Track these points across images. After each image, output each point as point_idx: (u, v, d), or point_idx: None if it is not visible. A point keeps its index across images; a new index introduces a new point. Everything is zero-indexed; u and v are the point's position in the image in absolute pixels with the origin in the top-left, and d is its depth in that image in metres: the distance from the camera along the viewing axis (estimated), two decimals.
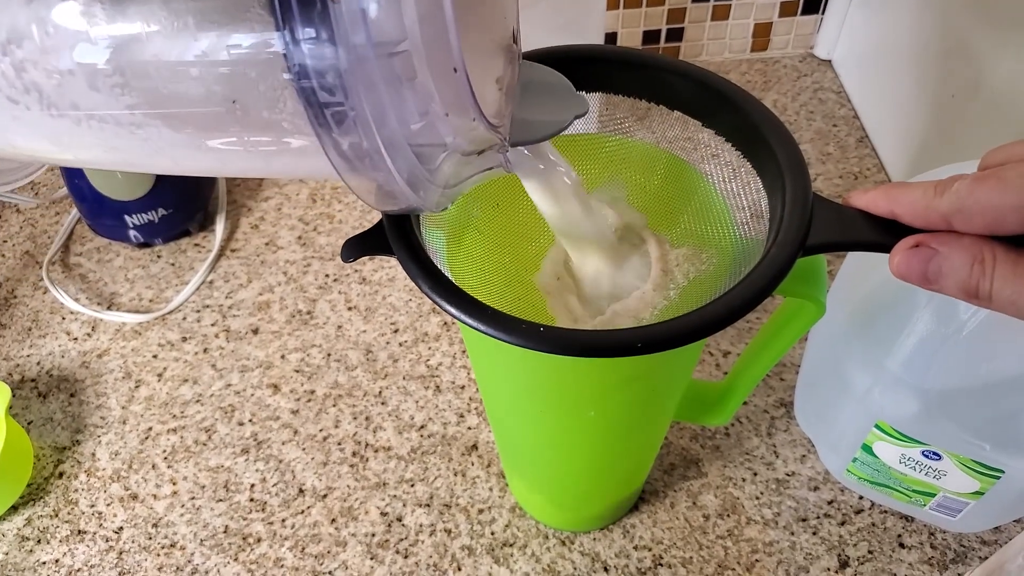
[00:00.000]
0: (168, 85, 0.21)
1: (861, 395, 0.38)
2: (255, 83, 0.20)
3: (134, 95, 0.21)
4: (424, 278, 0.25)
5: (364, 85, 0.19)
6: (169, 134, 0.22)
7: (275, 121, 0.21)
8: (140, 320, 0.54)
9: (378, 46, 0.19)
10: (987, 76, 0.46)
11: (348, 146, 0.21)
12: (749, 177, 0.29)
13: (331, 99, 0.20)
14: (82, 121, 0.22)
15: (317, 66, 0.19)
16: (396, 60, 0.19)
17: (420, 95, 0.20)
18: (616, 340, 0.23)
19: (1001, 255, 0.22)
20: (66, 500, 0.46)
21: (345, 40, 0.19)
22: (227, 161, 0.23)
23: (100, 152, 0.24)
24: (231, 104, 0.21)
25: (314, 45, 0.19)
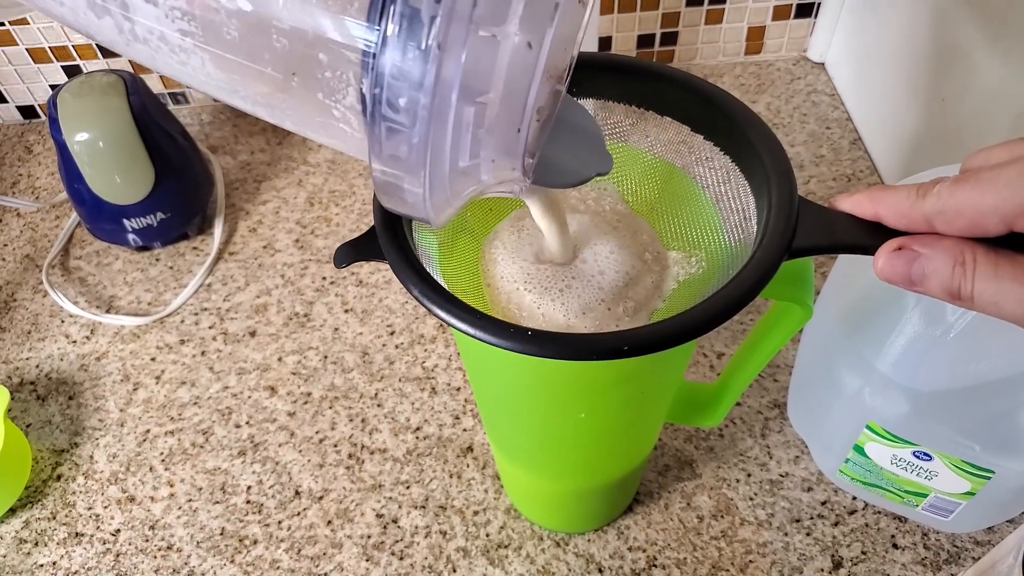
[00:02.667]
0: (232, 31, 0.20)
1: (852, 396, 0.38)
2: (324, 67, 0.20)
3: (192, 24, 0.20)
4: (415, 283, 0.25)
5: (434, 120, 0.19)
6: (212, 71, 0.21)
7: (326, 105, 0.21)
8: (138, 323, 0.54)
9: (464, 90, 0.19)
10: (976, 79, 0.47)
11: (390, 156, 0.20)
12: (738, 182, 0.29)
13: (394, 117, 0.19)
14: (123, 25, 0.21)
15: (395, 84, 0.19)
16: (473, 108, 0.19)
17: (478, 142, 0.20)
18: (603, 344, 0.24)
19: (982, 256, 0.22)
20: (64, 503, 0.46)
21: (435, 72, 0.18)
22: (255, 107, 0.22)
23: (121, 47, 0.22)
24: (290, 75, 0.20)
25: (402, 63, 0.18)
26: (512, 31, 0.19)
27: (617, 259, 0.30)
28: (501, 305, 0.30)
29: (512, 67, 0.19)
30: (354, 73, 0.19)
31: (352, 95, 0.20)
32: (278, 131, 0.67)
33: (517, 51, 0.20)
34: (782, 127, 0.63)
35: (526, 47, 0.20)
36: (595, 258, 0.30)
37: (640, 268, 0.30)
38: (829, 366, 0.39)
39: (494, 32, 0.19)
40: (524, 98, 0.20)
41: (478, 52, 0.19)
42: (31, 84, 0.67)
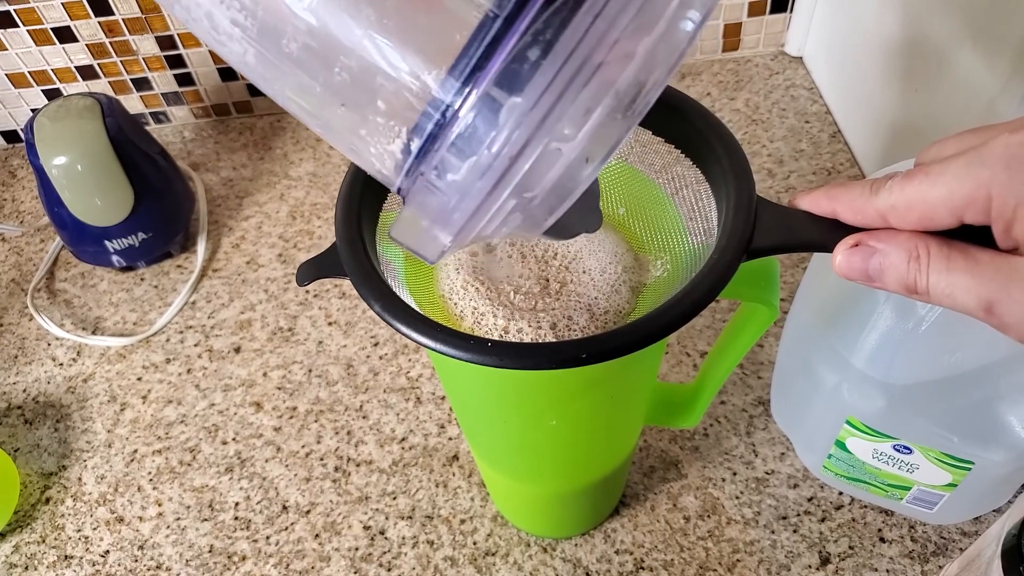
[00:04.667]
0: (293, 46, 0.19)
1: (830, 392, 0.38)
2: (379, 113, 0.19)
3: (249, 20, 0.19)
4: (376, 298, 0.25)
5: (478, 200, 0.18)
6: (251, 61, 0.20)
7: (365, 140, 0.20)
8: (124, 343, 0.54)
9: (516, 188, 0.18)
10: (947, 69, 0.47)
11: (419, 205, 0.20)
12: (699, 184, 0.29)
13: (439, 184, 0.19)
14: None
15: (451, 161, 0.18)
16: (516, 200, 0.19)
17: (510, 221, 0.20)
18: (562, 352, 0.24)
19: (935, 249, 0.22)
20: (53, 526, 0.46)
21: (497, 175, 0.18)
22: (284, 102, 0.21)
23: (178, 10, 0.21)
24: (338, 104, 0.19)
25: (467, 147, 0.18)
26: (578, 145, 0.19)
27: (591, 264, 0.30)
28: (467, 318, 0.30)
29: (565, 175, 0.19)
30: (407, 129, 0.19)
31: (398, 145, 0.19)
32: (259, 146, 0.67)
33: (574, 163, 0.19)
34: (761, 123, 0.63)
35: (584, 161, 0.20)
36: (569, 264, 0.30)
37: (615, 276, 0.30)
38: (808, 362, 0.39)
39: (561, 147, 0.18)
40: (566, 198, 0.20)
41: (542, 161, 0.18)
42: (12, 109, 0.67)
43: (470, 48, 0.17)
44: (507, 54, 0.17)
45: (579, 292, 0.29)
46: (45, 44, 0.63)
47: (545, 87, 0.17)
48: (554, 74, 0.17)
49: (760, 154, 0.61)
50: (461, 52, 0.18)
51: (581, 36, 0.17)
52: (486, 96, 0.18)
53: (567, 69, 0.17)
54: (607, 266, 0.30)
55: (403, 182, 0.20)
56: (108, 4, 0.60)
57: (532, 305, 0.29)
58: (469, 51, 0.17)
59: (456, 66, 0.18)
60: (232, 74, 0.66)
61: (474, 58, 0.17)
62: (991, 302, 0.21)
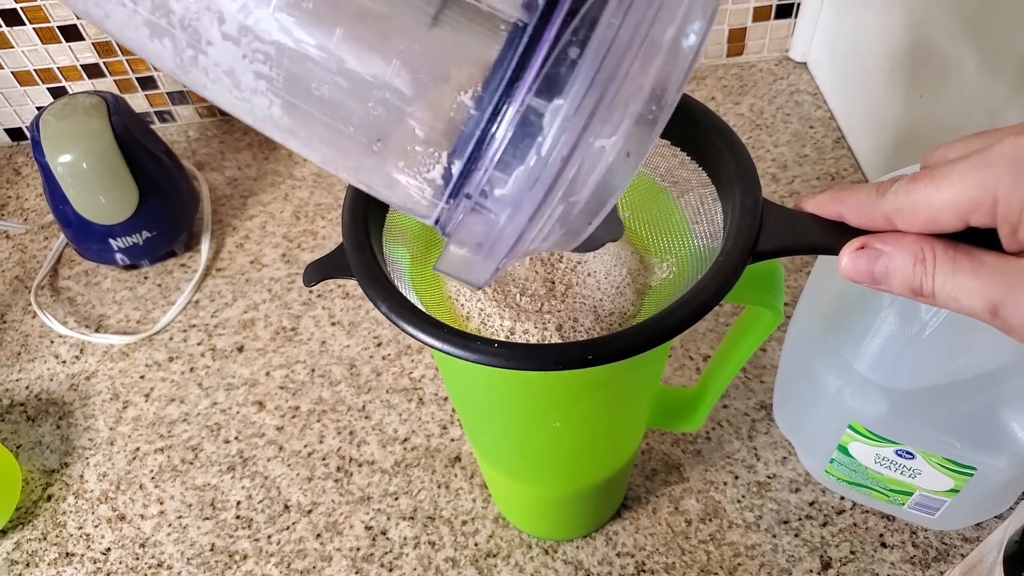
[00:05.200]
0: (325, 88, 0.18)
1: (833, 396, 0.38)
2: (417, 141, 0.18)
3: (275, 71, 0.18)
4: (383, 299, 0.25)
5: (531, 209, 0.18)
6: (277, 114, 0.19)
7: (402, 172, 0.19)
8: (127, 341, 0.54)
9: (567, 192, 0.18)
10: (951, 75, 0.47)
11: (466, 233, 0.19)
12: (705, 186, 0.30)
13: (482, 200, 0.18)
14: (185, 53, 0.19)
15: (498, 177, 0.18)
16: (563, 206, 0.19)
17: (552, 232, 0.20)
18: (567, 353, 0.24)
19: (940, 252, 0.22)
20: (54, 523, 0.46)
21: (549, 180, 0.17)
22: (309, 152, 0.20)
23: (170, 69, 0.20)
24: (374, 140, 0.19)
25: (512, 160, 0.18)
26: (618, 142, 0.19)
27: (596, 266, 0.30)
28: (474, 319, 0.30)
29: (607, 176, 0.19)
30: (447, 153, 0.18)
31: (438, 171, 0.19)
32: (264, 146, 0.67)
33: (617, 160, 0.19)
34: (766, 128, 0.64)
35: (625, 156, 0.20)
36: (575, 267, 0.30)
37: (620, 278, 0.30)
38: (810, 367, 0.39)
39: (604, 144, 0.18)
40: (607, 200, 0.20)
41: (588, 161, 0.18)
42: (17, 107, 0.67)
43: (503, 60, 0.17)
44: (542, 60, 0.17)
45: (584, 294, 0.30)
46: (51, 42, 0.63)
47: (588, 86, 0.17)
48: (594, 72, 0.17)
49: (764, 159, 0.61)
50: (494, 65, 0.18)
51: (615, 33, 0.17)
52: (526, 105, 0.17)
53: (607, 66, 0.17)
54: (612, 268, 0.30)
55: (444, 210, 0.19)
56: None
57: (538, 307, 0.29)
58: (503, 63, 0.17)
59: (491, 80, 0.18)
60: None
61: (509, 69, 0.17)
62: (997, 304, 0.21)
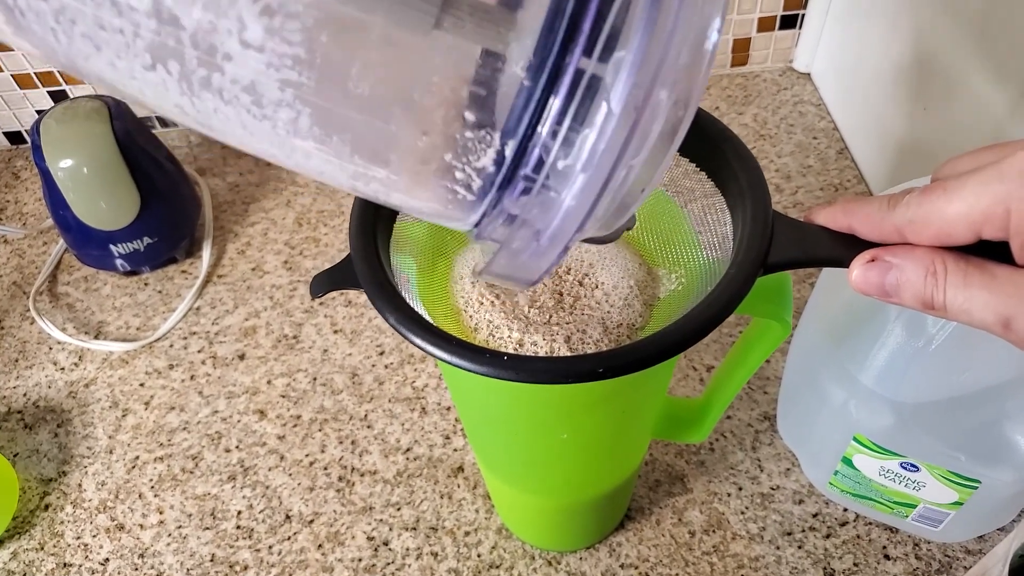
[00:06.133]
0: (364, 85, 0.16)
1: (838, 408, 0.38)
2: (468, 126, 0.17)
3: (306, 75, 0.16)
4: (391, 311, 0.25)
5: (608, 167, 0.17)
6: (304, 126, 0.17)
7: (450, 167, 0.18)
8: (127, 348, 0.54)
9: (619, 161, 0.17)
10: (956, 88, 0.47)
11: (517, 222, 0.18)
12: (714, 198, 0.29)
13: (542, 181, 0.17)
14: (195, 73, 0.17)
15: (565, 150, 0.17)
16: (623, 175, 0.18)
17: (602, 219, 0.19)
18: (578, 366, 0.24)
19: (951, 265, 0.22)
20: (52, 532, 0.46)
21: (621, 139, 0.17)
22: (337, 175, 0.18)
23: (171, 99, 0.17)
24: (420, 134, 0.17)
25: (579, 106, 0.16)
26: (672, 97, 0.17)
27: (603, 278, 0.30)
28: (482, 331, 0.30)
29: (655, 146, 0.18)
30: (500, 133, 0.17)
31: (490, 156, 0.17)
32: None
33: (663, 134, 0.18)
34: (769, 138, 0.64)
35: (664, 140, 0.19)
36: (583, 279, 0.30)
37: (628, 290, 0.30)
38: (815, 379, 0.39)
39: (663, 96, 0.17)
40: (652, 182, 0.19)
41: (648, 117, 0.17)
42: (17, 110, 0.67)
43: (553, 23, 0.16)
44: (594, 15, 0.16)
45: (592, 306, 0.29)
46: None
47: (650, 34, 0.16)
48: (654, 23, 0.16)
49: (768, 169, 0.61)
50: (542, 31, 0.16)
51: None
52: (584, 64, 0.16)
53: (662, 18, 0.16)
54: (619, 280, 0.30)
55: (491, 204, 0.18)
56: None
57: (547, 319, 0.29)
58: (553, 26, 0.16)
59: (542, 46, 0.16)
60: None
61: (560, 30, 0.16)
62: (1009, 318, 0.21)
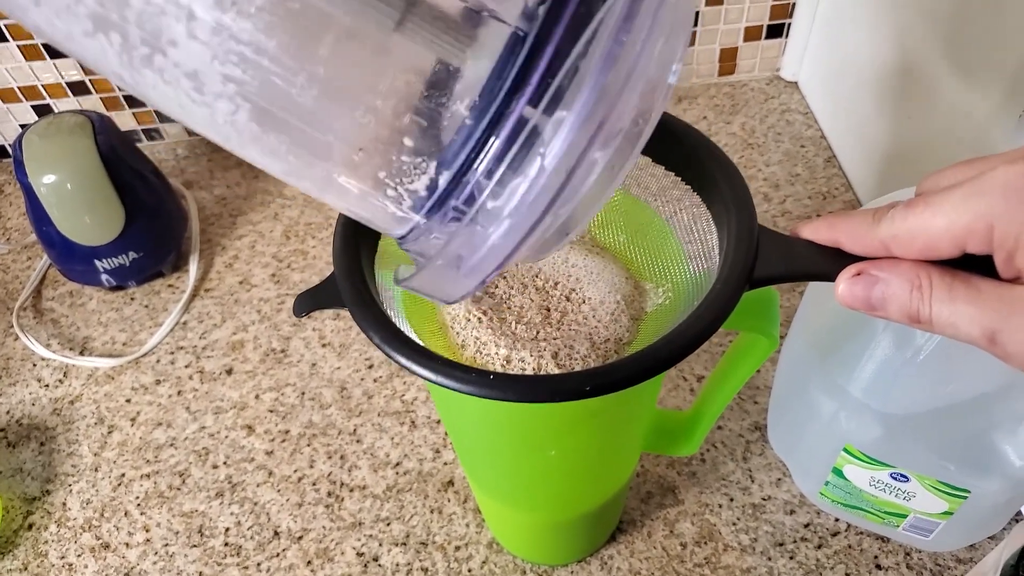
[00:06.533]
0: (308, 95, 0.17)
1: (828, 420, 0.38)
2: (406, 151, 0.17)
3: (250, 74, 0.17)
4: (375, 330, 0.25)
5: (531, 221, 0.17)
6: (243, 121, 0.17)
7: (382, 184, 0.18)
8: (113, 364, 0.53)
9: (555, 204, 0.17)
10: (940, 97, 0.47)
11: (454, 254, 0.19)
12: (700, 212, 0.29)
13: (471, 215, 0.18)
14: (136, 51, 0.17)
15: (497, 190, 0.17)
16: (551, 219, 0.18)
17: (533, 247, 0.19)
18: (565, 384, 0.23)
19: (937, 279, 0.22)
20: (36, 552, 0.45)
21: (550, 191, 0.17)
22: (271, 163, 0.19)
23: (111, 69, 0.18)
24: (356, 150, 0.18)
25: (507, 172, 0.17)
26: (608, 154, 0.18)
27: (590, 293, 0.30)
28: (469, 348, 0.29)
29: (593, 188, 0.18)
30: (435, 164, 0.18)
31: (423, 181, 0.18)
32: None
33: (603, 173, 0.18)
34: (757, 147, 0.64)
35: (610, 169, 0.19)
36: (570, 294, 0.30)
37: (614, 305, 0.30)
38: (805, 390, 0.39)
39: (597, 157, 0.18)
40: (590, 213, 0.20)
41: (581, 174, 0.17)
42: (0, 124, 0.67)
43: (503, 69, 0.17)
44: (543, 71, 0.17)
45: (580, 321, 0.29)
46: (35, 59, 0.62)
47: (595, 99, 0.16)
48: (601, 85, 0.16)
49: (756, 178, 0.61)
50: (491, 74, 0.17)
51: (619, 48, 0.16)
52: (527, 116, 0.17)
53: (612, 79, 0.16)
54: (606, 295, 0.30)
55: (419, 224, 0.19)
56: None
57: (534, 335, 0.28)
58: (502, 72, 0.17)
59: (488, 89, 0.17)
60: None
61: (509, 79, 0.17)
62: (994, 331, 0.21)
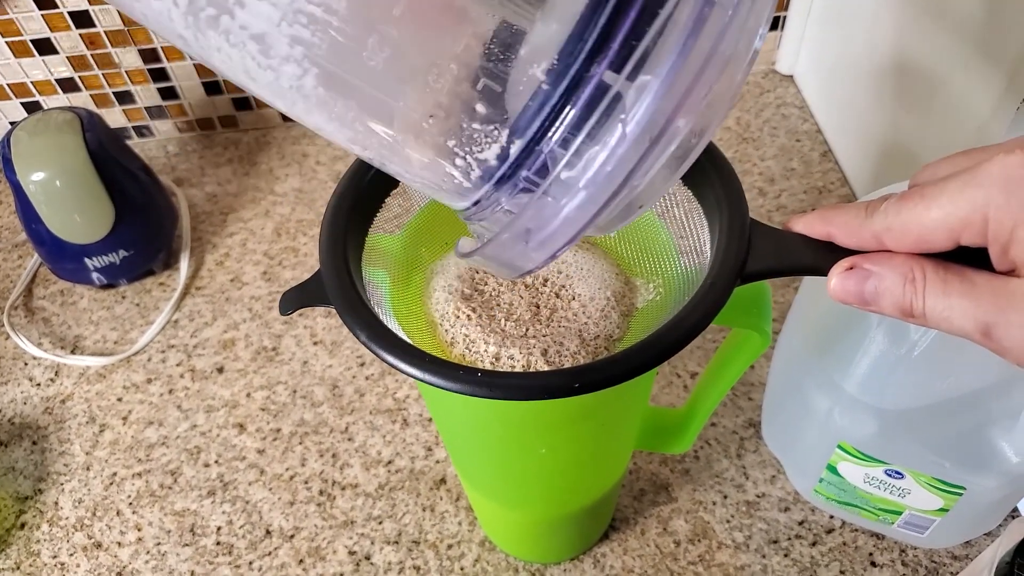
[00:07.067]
0: (379, 58, 0.16)
1: (822, 416, 0.38)
2: (476, 118, 0.17)
3: (319, 36, 0.16)
4: (361, 328, 0.25)
5: (608, 193, 0.17)
6: (309, 86, 0.17)
7: (451, 152, 0.17)
8: (104, 363, 0.53)
9: (631, 176, 0.17)
10: (938, 91, 0.47)
11: (513, 220, 0.18)
12: (691, 207, 0.29)
13: (543, 185, 0.17)
14: (203, 11, 0.16)
15: (574, 160, 0.16)
16: (626, 191, 0.17)
17: (602, 221, 0.18)
18: (554, 382, 0.23)
19: (931, 272, 0.21)
20: (28, 552, 0.45)
21: (629, 160, 0.16)
22: (337, 132, 0.18)
23: (177, 33, 0.17)
24: (426, 116, 0.17)
25: (584, 140, 0.16)
26: (689, 124, 0.17)
27: (580, 290, 0.30)
28: (458, 345, 0.29)
29: (671, 159, 0.18)
30: (508, 130, 0.17)
31: (494, 151, 0.17)
32: (244, 161, 0.66)
33: (682, 145, 0.18)
34: (752, 141, 0.63)
35: (688, 141, 0.18)
36: (559, 291, 0.30)
37: (604, 301, 0.30)
38: (799, 387, 0.39)
39: (681, 125, 0.17)
40: (662, 189, 0.19)
41: (663, 144, 0.17)
42: None
43: (583, 31, 0.16)
44: (627, 32, 0.16)
45: (569, 318, 0.29)
46: (24, 56, 0.62)
47: (682, 63, 0.16)
48: (688, 49, 0.16)
49: (751, 172, 0.61)
50: (571, 36, 0.16)
51: (706, 5, 0.16)
52: (603, 83, 0.16)
53: (700, 44, 0.16)
54: (596, 292, 0.30)
55: (487, 193, 0.18)
56: (90, 16, 0.60)
57: (523, 332, 0.28)
58: (583, 34, 0.16)
59: (567, 52, 0.16)
60: (217, 88, 0.65)
61: (590, 40, 0.16)
62: (989, 325, 0.21)
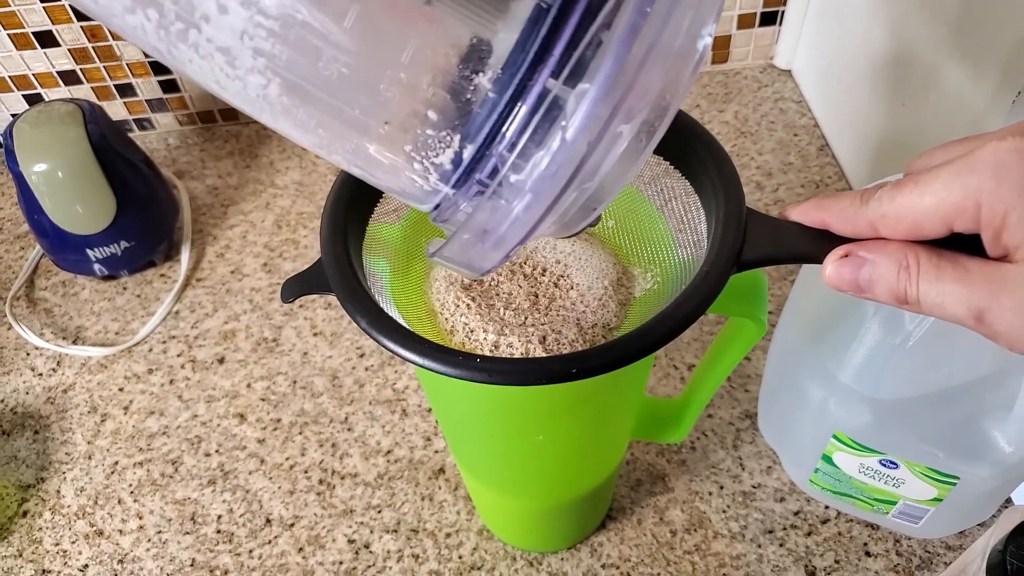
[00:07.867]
0: (333, 69, 0.17)
1: (817, 407, 0.38)
2: (429, 125, 0.18)
3: (279, 47, 0.17)
4: (362, 315, 0.25)
5: (552, 196, 0.17)
6: (273, 94, 0.18)
7: (409, 156, 0.18)
8: (106, 353, 0.53)
9: (579, 178, 0.17)
10: (934, 84, 0.47)
11: (480, 227, 0.19)
12: (688, 196, 0.29)
13: (494, 188, 0.18)
14: (172, 25, 0.17)
15: (518, 163, 0.17)
16: (575, 194, 0.18)
17: (558, 220, 0.19)
18: (551, 368, 0.23)
19: (924, 259, 0.22)
20: (30, 539, 0.45)
21: (571, 164, 0.17)
22: (304, 137, 0.19)
23: (150, 44, 0.18)
24: (381, 123, 0.18)
25: (529, 145, 0.17)
26: (635, 127, 0.18)
27: (579, 279, 0.30)
28: (458, 333, 0.29)
29: (621, 159, 0.18)
30: (459, 137, 0.18)
31: (448, 155, 0.18)
32: (245, 154, 0.67)
33: (632, 145, 0.18)
34: (750, 135, 0.64)
35: (639, 140, 0.19)
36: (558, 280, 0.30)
37: (602, 290, 0.30)
38: (795, 377, 0.39)
39: (623, 129, 0.18)
40: (615, 189, 0.20)
41: (604, 147, 0.17)
42: None
43: (525, 42, 0.17)
44: (567, 42, 0.16)
45: (567, 307, 0.29)
46: (26, 48, 0.62)
47: (617, 70, 0.16)
48: (624, 57, 0.16)
49: (749, 166, 0.61)
50: (515, 47, 0.17)
51: (642, 18, 0.16)
52: (549, 88, 0.17)
53: (635, 51, 0.16)
54: (594, 281, 0.30)
55: (447, 196, 0.19)
56: None
57: (522, 320, 0.28)
58: (525, 45, 0.17)
59: (511, 62, 0.17)
60: None
61: (531, 51, 0.17)
62: (982, 310, 0.21)
